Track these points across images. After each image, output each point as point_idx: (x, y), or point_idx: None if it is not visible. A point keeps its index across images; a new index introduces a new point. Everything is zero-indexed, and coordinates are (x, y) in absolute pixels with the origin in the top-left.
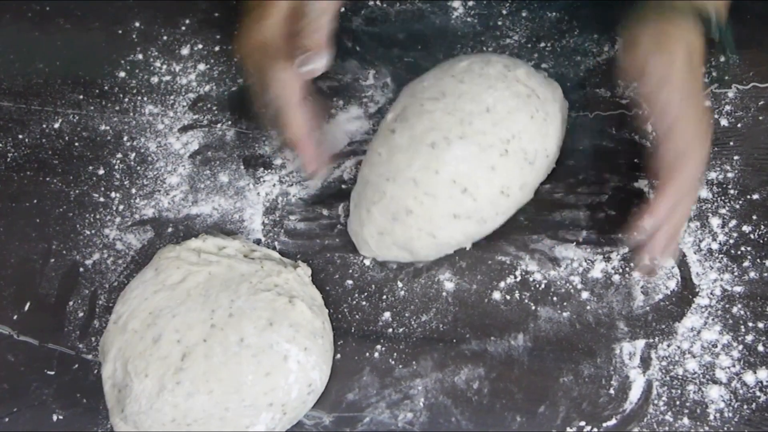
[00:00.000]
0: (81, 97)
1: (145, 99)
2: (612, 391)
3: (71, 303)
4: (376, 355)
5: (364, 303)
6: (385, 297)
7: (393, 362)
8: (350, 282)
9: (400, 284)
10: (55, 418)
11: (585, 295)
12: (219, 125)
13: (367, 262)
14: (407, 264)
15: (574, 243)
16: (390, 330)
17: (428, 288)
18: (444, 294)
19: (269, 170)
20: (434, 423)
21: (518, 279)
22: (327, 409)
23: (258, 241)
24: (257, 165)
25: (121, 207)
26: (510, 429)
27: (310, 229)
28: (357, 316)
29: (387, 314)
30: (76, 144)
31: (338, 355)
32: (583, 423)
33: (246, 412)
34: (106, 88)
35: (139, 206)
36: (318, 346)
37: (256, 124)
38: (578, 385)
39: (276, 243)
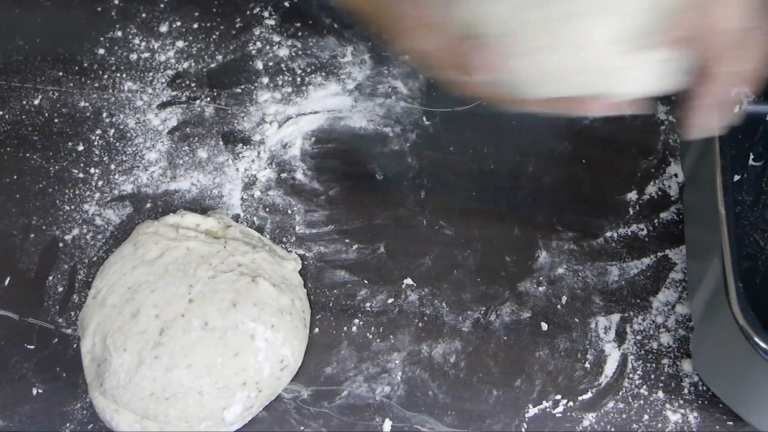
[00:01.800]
0: (61, 74)
1: (124, 76)
2: (587, 365)
3: (51, 278)
4: (354, 329)
5: (341, 277)
6: (363, 272)
7: (370, 336)
8: (329, 256)
9: (378, 259)
10: (35, 391)
11: (561, 270)
12: (198, 102)
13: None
14: (387, 239)
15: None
16: (368, 305)
17: (407, 263)
18: (422, 269)
19: (248, 146)
20: (411, 396)
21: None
22: (305, 383)
23: (237, 217)
24: (236, 141)
25: (100, 183)
26: (487, 402)
27: (288, 204)
28: (335, 291)
29: (365, 290)
30: (56, 120)
31: (316, 330)
32: (559, 396)
33: (221, 394)
34: (85, 65)
35: (118, 182)
36: (286, 322)
37: (234, 101)
38: (554, 359)
39: (255, 218)
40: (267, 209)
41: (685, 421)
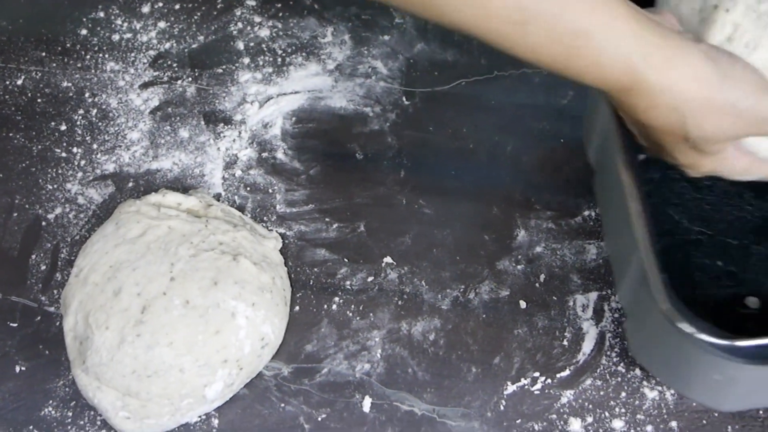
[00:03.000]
0: (44, 54)
1: (107, 56)
2: (566, 343)
3: (34, 256)
4: (334, 307)
5: (322, 256)
6: (343, 250)
7: (350, 314)
8: (309, 235)
9: (358, 238)
10: (17, 369)
11: (539, 248)
12: (179, 82)
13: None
14: (367, 218)
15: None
16: (348, 283)
17: (387, 241)
18: (402, 247)
19: (229, 126)
20: (391, 374)
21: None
22: (286, 361)
23: (218, 196)
24: (217, 121)
25: (82, 162)
26: (466, 380)
27: (269, 183)
28: (315, 270)
29: (345, 269)
30: (39, 100)
31: (297, 308)
32: (537, 374)
33: (202, 371)
34: (68, 45)
35: (101, 161)
36: (266, 300)
37: (216, 81)
38: (532, 336)
39: (236, 197)
40: (248, 188)
41: (662, 398)
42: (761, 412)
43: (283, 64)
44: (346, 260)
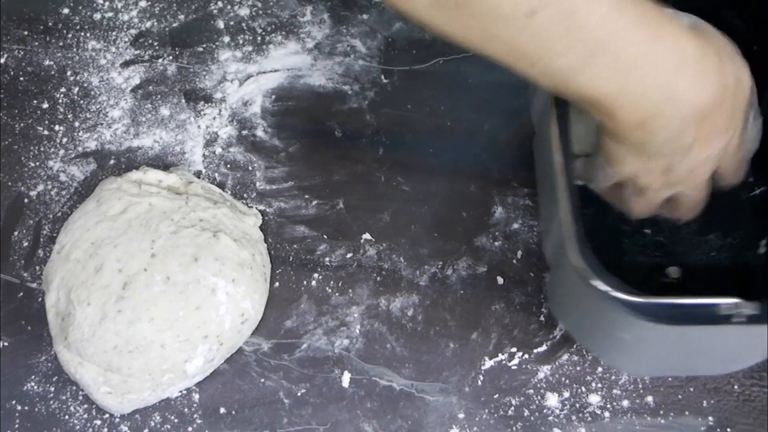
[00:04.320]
0: (26, 32)
1: (88, 35)
2: (542, 318)
3: (16, 233)
4: (314, 283)
5: (301, 233)
6: (322, 227)
7: (330, 290)
8: (289, 212)
9: (337, 215)
10: (0, 344)
11: (516, 225)
12: (160, 60)
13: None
14: (346, 195)
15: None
16: (327, 259)
17: (366, 218)
18: (380, 224)
19: (209, 104)
20: (370, 349)
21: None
22: (265, 336)
23: (198, 173)
24: (198, 99)
25: (64, 140)
26: (444, 355)
27: (249, 161)
28: (295, 246)
29: (324, 245)
30: (21, 78)
31: (276, 284)
32: (514, 349)
33: (183, 347)
34: (50, 24)
35: (83, 139)
36: (246, 276)
37: (196, 59)
38: (510, 312)
39: (216, 174)
40: (228, 166)
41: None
42: (736, 386)
43: (262, 43)
44: (325, 237)
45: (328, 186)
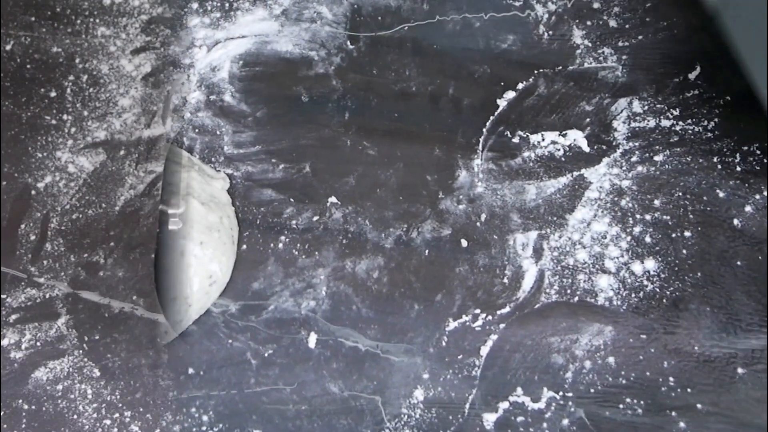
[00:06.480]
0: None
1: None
2: (506, 281)
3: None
4: (281, 246)
5: (268, 196)
6: (289, 191)
7: (296, 253)
8: (256, 175)
9: (303, 178)
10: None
11: (480, 188)
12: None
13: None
14: (313, 159)
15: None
16: (294, 222)
17: (332, 182)
18: (346, 187)
19: (178, 69)
20: (336, 311)
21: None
22: (233, 298)
23: (167, 138)
24: (166, 64)
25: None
26: (408, 316)
27: (217, 125)
28: (262, 209)
29: (291, 208)
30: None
31: (244, 246)
32: (478, 311)
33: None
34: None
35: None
36: (214, 239)
37: (165, 25)
38: (474, 274)
39: (185, 139)
40: (196, 130)
41: (601, 334)
42: (696, 347)
43: (230, 9)
44: (291, 200)
45: (295, 150)
